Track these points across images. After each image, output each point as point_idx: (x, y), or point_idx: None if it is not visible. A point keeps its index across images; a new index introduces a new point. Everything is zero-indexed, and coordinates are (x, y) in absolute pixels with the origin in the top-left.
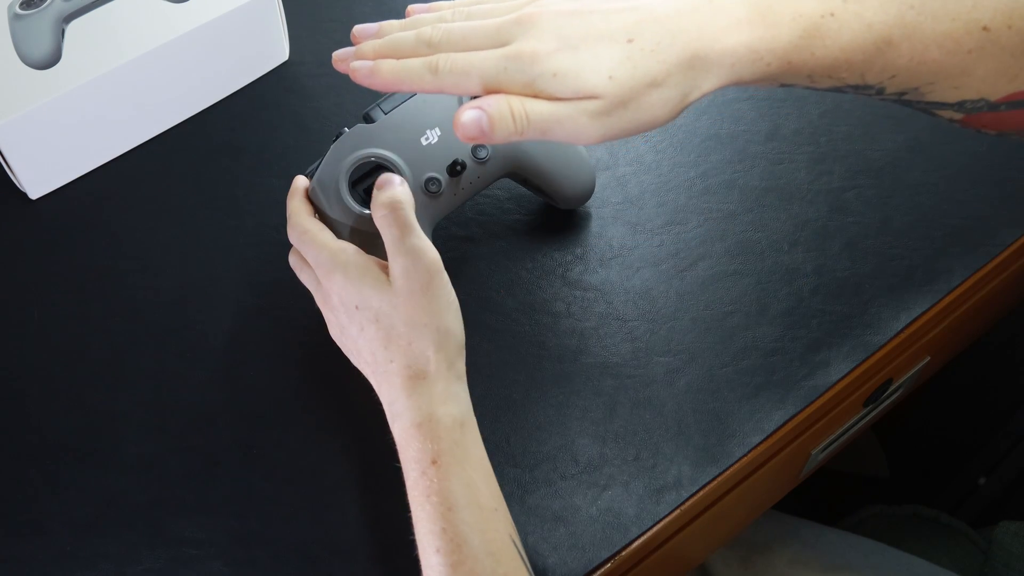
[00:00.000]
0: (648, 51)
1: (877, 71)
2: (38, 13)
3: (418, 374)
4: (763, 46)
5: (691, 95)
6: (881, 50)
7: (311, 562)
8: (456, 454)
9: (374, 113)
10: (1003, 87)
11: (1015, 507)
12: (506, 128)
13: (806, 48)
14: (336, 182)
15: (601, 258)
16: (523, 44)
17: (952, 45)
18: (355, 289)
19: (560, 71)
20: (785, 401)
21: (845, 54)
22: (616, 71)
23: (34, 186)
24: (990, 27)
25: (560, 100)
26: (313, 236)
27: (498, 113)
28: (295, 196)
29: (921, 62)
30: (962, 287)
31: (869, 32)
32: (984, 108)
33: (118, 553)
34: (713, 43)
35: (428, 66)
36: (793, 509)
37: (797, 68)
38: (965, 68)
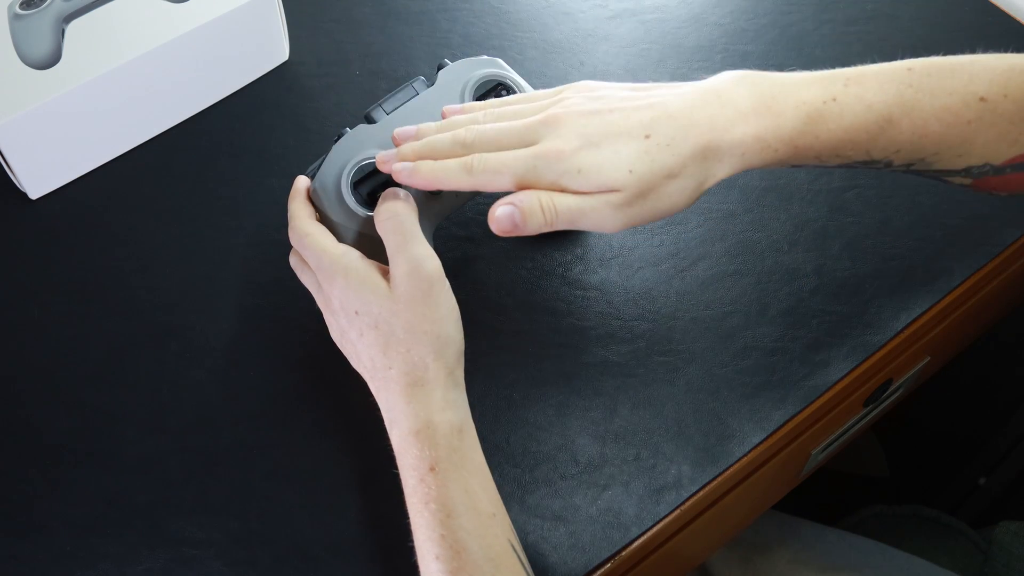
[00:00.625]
0: (664, 145)
1: (881, 147)
2: (38, 13)
3: (416, 381)
4: (770, 135)
5: (706, 183)
6: (883, 128)
7: (311, 562)
8: (454, 460)
9: (375, 113)
10: (1005, 151)
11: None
12: (536, 221)
13: (810, 133)
14: (338, 183)
15: (601, 258)
16: (549, 144)
17: (951, 118)
18: (355, 294)
19: (584, 168)
20: (785, 401)
21: (849, 135)
22: (635, 165)
23: (34, 186)
24: (987, 98)
25: (585, 194)
26: (315, 240)
27: (529, 208)
28: (296, 197)
29: (923, 135)
30: (962, 287)
31: (870, 112)
32: (990, 172)
33: (118, 553)
34: (723, 135)
35: (464, 166)
36: (793, 509)
37: (803, 152)
38: (966, 138)
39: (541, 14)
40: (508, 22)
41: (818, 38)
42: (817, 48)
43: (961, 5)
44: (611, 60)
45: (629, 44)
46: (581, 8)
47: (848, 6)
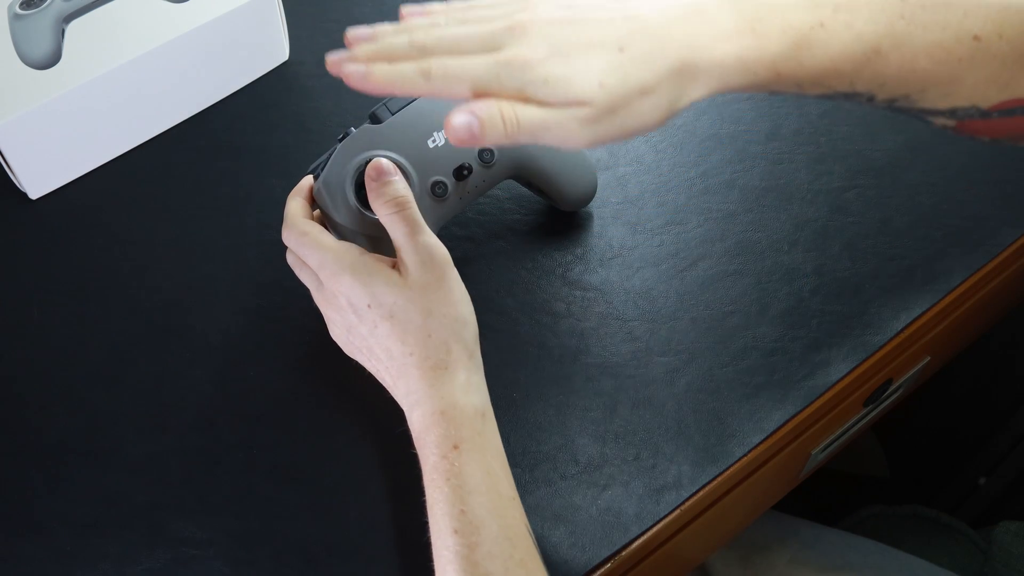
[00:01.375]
0: (638, 60)
1: (866, 80)
2: (38, 13)
3: (439, 364)
4: (751, 56)
5: (679, 102)
6: (870, 60)
7: (311, 562)
8: (477, 442)
9: (381, 113)
10: (994, 95)
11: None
12: (496, 132)
13: (794, 59)
14: (342, 184)
15: (601, 258)
16: (515, 51)
17: (942, 55)
18: (365, 288)
19: (551, 78)
20: (785, 401)
21: (834, 64)
22: (606, 79)
23: (34, 186)
24: (981, 36)
25: (551, 106)
26: (314, 239)
27: (489, 117)
28: (297, 196)
29: (911, 71)
30: (962, 287)
31: (858, 42)
32: (976, 115)
33: (118, 553)
34: (702, 53)
35: (420, 71)
36: (793, 509)
37: (786, 78)
38: (955, 77)
39: None
40: None
41: None
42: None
43: None
44: None
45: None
46: None
47: None
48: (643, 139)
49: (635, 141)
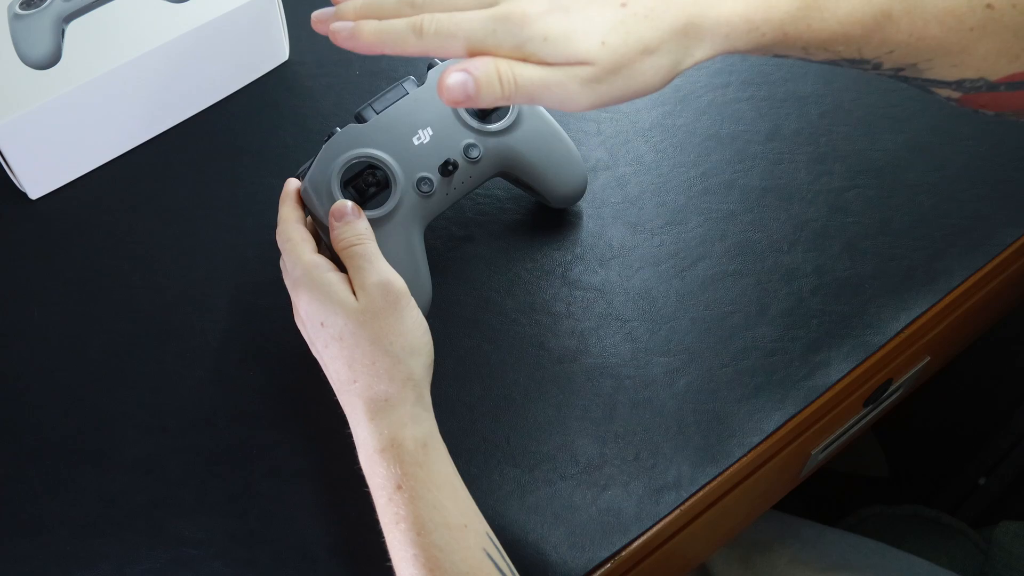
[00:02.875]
0: (642, 16)
1: (875, 45)
2: (38, 13)
3: (380, 395)
4: (759, 16)
5: (683, 63)
6: (880, 24)
7: (311, 562)
8: (420, 476)
9: (366, 113)
10: (1004, 67)
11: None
12: (493, 93)
13: (803, 20)
14: (328, 182)
15: (601, 258)
16: (512, 5)
17: (953, 22)
18: (320, 306)
19: (551, 35)
20: (785, 401)
21: (843, 27)
22: (609, 36)
23: (34, 186)
24: (994, 5)
25: (550, 65)
26: (293, 247)
27: (485, 76)
28: (287, 200)
29: (921, 38)
30: (962, 287)
31: (869, 5)
32: (983, 88)
33: (118, 553)
34: (708, 10)
35: (412, 27)
36: (793, 509)
37: (792, 40)
38: (965, 46)
39: None
40: None
41: None
42: None
43: None
44: None
45: None
46: None
47: None
48: (643, 139)
49: (635, 141)
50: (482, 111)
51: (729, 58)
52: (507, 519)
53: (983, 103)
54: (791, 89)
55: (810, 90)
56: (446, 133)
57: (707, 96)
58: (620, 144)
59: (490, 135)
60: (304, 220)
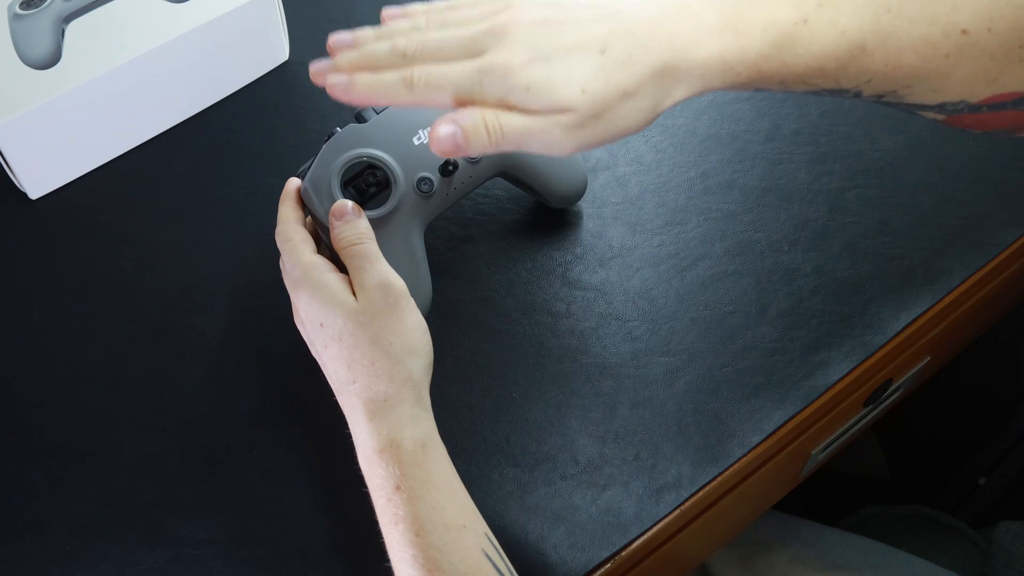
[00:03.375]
0: (620, 62)
1: (851, 76)
2: (38, 13)
3: (379, 395)
4: (734, 56)
5: (662, 104)
6: (855, 56)
7: (311, 562)
8: (419, 477)
9: (366, 113)
10: (983, 90)
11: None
12: (480, 142)
13: (777, 57)
14: (328, 182)
15: (601, 258)
16: (496, 56)
17: (929, 50)
18: (320, 307)
19: (533, 85)
20: (785, 401)
21: (818, 61)
22: (589, 84)
23: (34, 186)
24: (969, 30)
25: (534, 113)
26: (292, 247)
27: (472, 127)
28: (286, 200)
29: (897, 67)
30: (962, 287)
31: (842, 39)
32: (965, 110)
33: (118, 553)
34: (684, 54)
35: (403, 80)
36: (793, 509)
37: (768, 76)
38: (943, 72)
39: None
40: None
41: None
42: None
43: None
44: None
45: None
46: None
47: None
48: (643, 139)
49: (635, 141)
50: None
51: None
52: (507, 519)
53: (969, 123)
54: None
55: None
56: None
57: (707, 96)
58: (620, 144)
59: None
60: (304, 220)
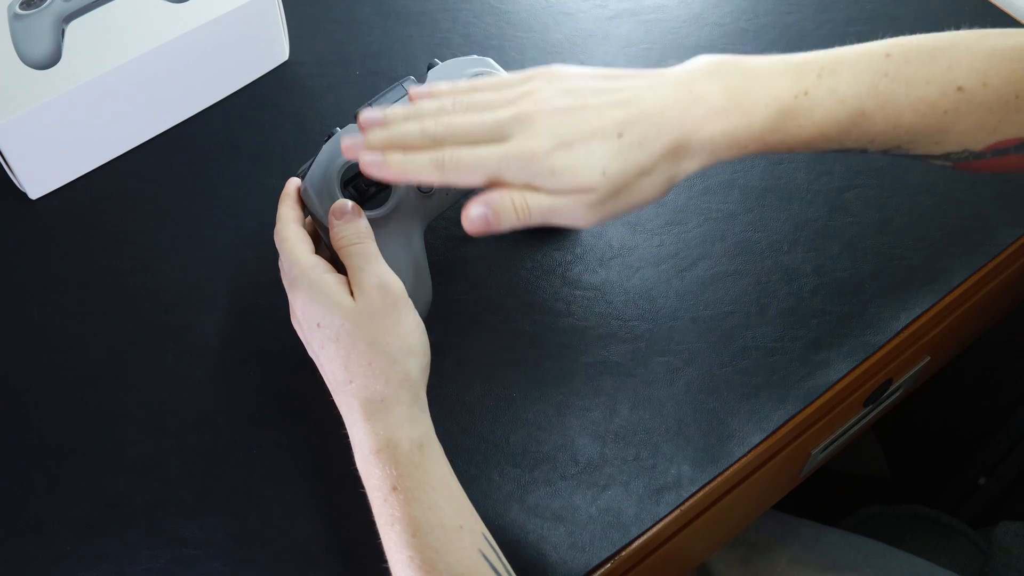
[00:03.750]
0: (636, 144)
1: (854, 139)
2: (38, 13)
3: (377, 396)
4: (740, 133)
5: (677, 177)
6: (856, 122)
7: (311, 562)
8: (416, 477)
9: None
10: (984, 139)
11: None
12: (509, 220)
13: (780, 129)
14: (328, 183)
15: (601, 258)
16: (522, 143)
17: (926, 108)
18: (317, 307)
19: (557, 169)
20: (785, 401)
21: (820, 129)
22: (608, 166)
23: (34, 186)
24: (965, 87)
25: (559, 193)
26: (291, 247)
27: (502, 208)
28: (286, 200)
29: (897, 126)
30: (962, 287)
31: (842, 106)
32: (970, 157)
33: (118, 553)
34: (694, 134)
35: (435, 163)
36: (793, 509)
37: (774, 146)
38: (943, 127)
39: (541, 14)
40: (508, 22)
41: (818, 38)
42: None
43: (961, 5)
44: (611, 60)
45: (629, 44)
46: (581, 8)
47: (848, 6)
48: None
49: None
50: None
51: None
52: (507, 519)
53: (976, 168)
54: None
55: None
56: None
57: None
58: None
59: None
60: (303, 220)
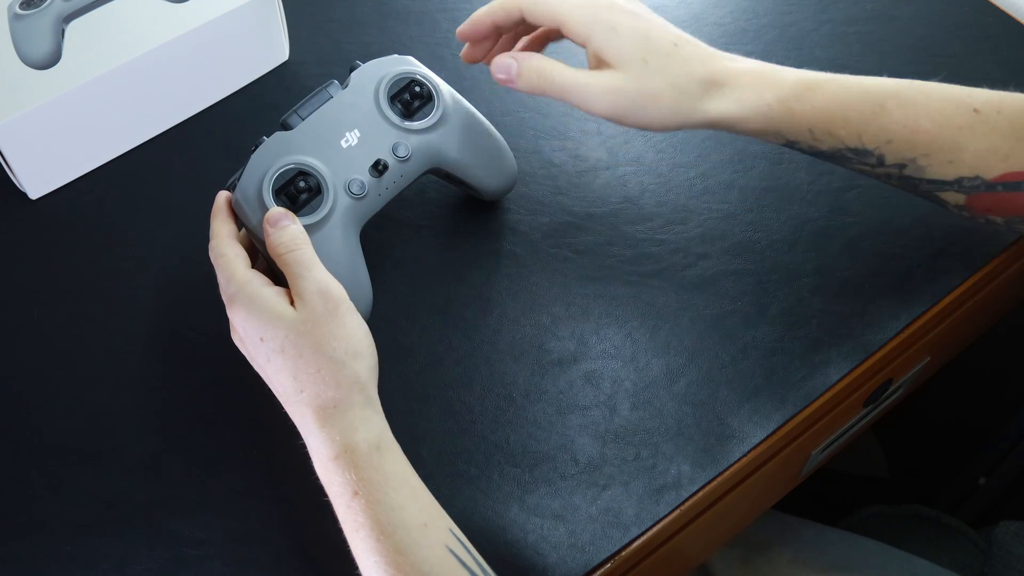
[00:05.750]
0: (683, 58)
1: (873, 133)
2: (38, 13)
3: (328, 402)
4: (768, 86)
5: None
6: (876, 113)
7: (311, 562)
8: (376, 480)
9: (291, 120)
10: (996, 165)
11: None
12: (529, 81)
13: (806, 99)
14: (259, 193)
15: (601, 259)
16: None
17: (943, 119)
18: (258, 322)
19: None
20: (785, 401)
21: (842, 110)
22: (651, 59)
23: (34, 186)
24: (980, 110)
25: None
26: (226, 262)
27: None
28: (218, 214)
29: (914, 131)
30: (962, 287)
31: (865, 94)
32: (982, 187)
33: (118, 553)
34: (731, 70)
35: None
36: (793, 509)
37: (798, 118)
38: (957, 142)
39: None
40: None
41: (818, 38)
42: (817, 48)
43: (961, 5)
44: None
45: None
46: None
47: (848, 6)
48: (643, 139)
49: (635, 140)
50: (408, 108)
51: None
52: (507, 519)
53: (987, 206)
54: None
55: None
56: (373, 134)
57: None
58: (620, 144)
59: (416, 132)
60: (236, 235)
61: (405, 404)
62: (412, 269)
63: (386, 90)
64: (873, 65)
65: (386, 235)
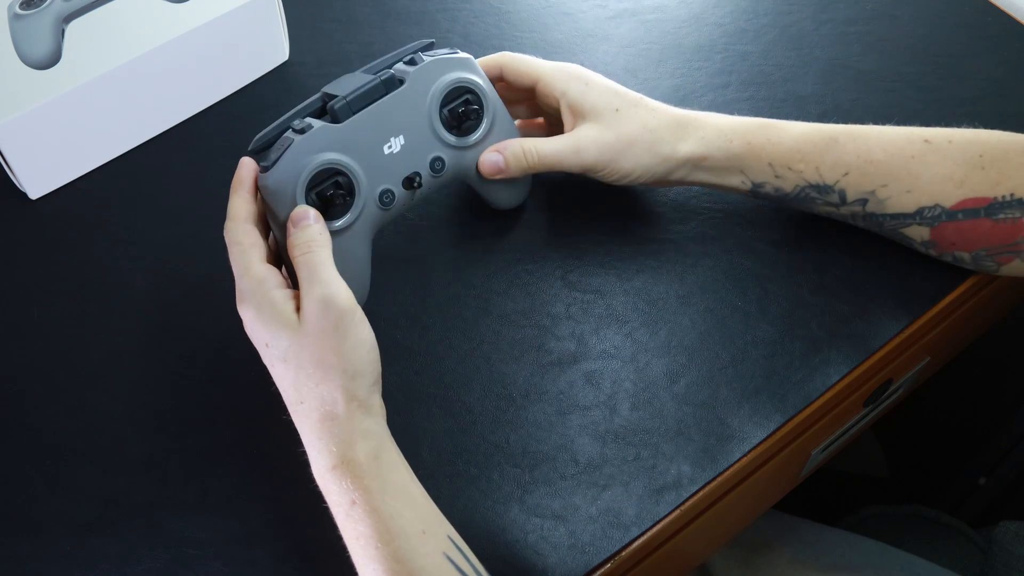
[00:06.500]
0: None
1: (829, 165)
2: (38, 13)
3: (328, 415)
4: (728, 126)
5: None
6: (829, 145)
7: (311, 562)
8: (374, 489)
9: (341, 111)
10: (952, 192)
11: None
12: (519, 165)
13: (762, 134)
14: (293, 187)
15: (600, 259)
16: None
17: (894, 149)
18: (264, 327)
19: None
20: (785, 401)
21: (797, 143)
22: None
23: (34, 186)
24: (931, 140)
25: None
26: (242, 252)
27: (513, 154)
28: (239, 189)
29: (868, 160)
30: (962, 287)
31: (818, 131)
32: (944, 217)
33: (118, 553)
34: (695, 116)
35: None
36: (793, 509)
37: (757, 152)
38: (911, 171)
39: (541, 14)
40: (508, 22)
41: (818, 38)
42: (817, 48)
43: (961, 5)
44: (611, 60)
45: (629, 44)
46: (581, 8)
47: (848, 6)
48: None
49: None
50: (459, 122)
51: (729, 57)
52: (507, 519)
53: (952, 239)
54: (791, 89)
55: (810, 90)
56: (417, 144)
57: (707, 96)
58: None
59: (457, 148)
60: (255, 218)
61: (405, 404)
62: (413, 269)
63: (440, 98)
64: (873, 65)
65: (387, 235)
